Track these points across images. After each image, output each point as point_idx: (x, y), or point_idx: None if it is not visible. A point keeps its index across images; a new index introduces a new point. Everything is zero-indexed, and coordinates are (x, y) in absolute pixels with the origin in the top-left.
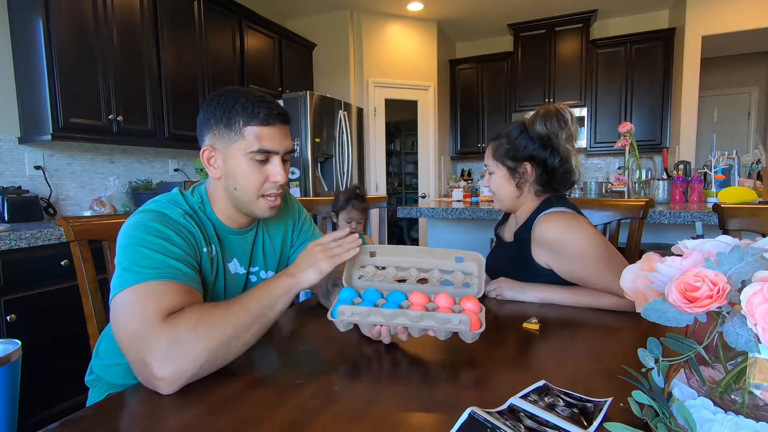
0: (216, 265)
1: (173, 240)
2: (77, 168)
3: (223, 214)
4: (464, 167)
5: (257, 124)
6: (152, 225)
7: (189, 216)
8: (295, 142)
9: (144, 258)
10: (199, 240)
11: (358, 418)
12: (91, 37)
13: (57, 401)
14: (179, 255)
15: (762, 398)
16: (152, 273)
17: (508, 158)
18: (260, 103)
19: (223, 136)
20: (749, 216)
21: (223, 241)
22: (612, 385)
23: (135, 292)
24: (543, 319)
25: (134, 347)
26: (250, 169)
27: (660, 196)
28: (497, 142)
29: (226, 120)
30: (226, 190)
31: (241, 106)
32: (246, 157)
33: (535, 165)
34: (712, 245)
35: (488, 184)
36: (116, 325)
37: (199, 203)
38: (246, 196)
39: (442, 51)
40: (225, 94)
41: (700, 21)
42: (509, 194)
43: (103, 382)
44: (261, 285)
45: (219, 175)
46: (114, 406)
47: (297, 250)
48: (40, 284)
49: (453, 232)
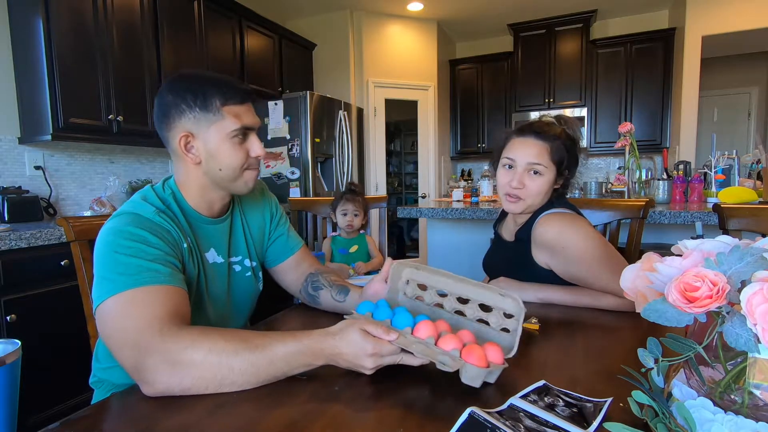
0: (194, 257)
1: (149, 241)
2: (77, 168)
3: (196, 201)
4: (464, 167)
5: (235, 103)
6: (126, 229)
7: (163, 213)
8: (295, 142)
9: (121, 264)
10: (178, 237)
11: (358, 418)
12: (91, 37)
13: (57, 401)
14: (157, 255)
15: (762, 398)
16: (130, 280)
17: (564, 163)
18: (230, 83)
19: (199, 119)
20: (749, 216)
21: (197, 232)
22: (612, 385)
23: (117, 302)
24: (543, 319)
25: (126, 355)
26: (233, 148)
27: (660, 196)
28: (553, 144)
29: (201, 102)
30: (207, 173)
31: (213, 87)
32: (228, 136)
33: (571, 173)
34: (712, 245)
35: (525, 183)
36: (104, 336)
37: (171, 194)
38: (232, 174)
39: (442, 51)
40: (188, 78)
41: (700, 21)
42: (545, 198)
43: (107, 383)
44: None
45: (199, 161)
46: (114, 406)
47: (273, 244)
48: (40, 284)
49: (453, 232)
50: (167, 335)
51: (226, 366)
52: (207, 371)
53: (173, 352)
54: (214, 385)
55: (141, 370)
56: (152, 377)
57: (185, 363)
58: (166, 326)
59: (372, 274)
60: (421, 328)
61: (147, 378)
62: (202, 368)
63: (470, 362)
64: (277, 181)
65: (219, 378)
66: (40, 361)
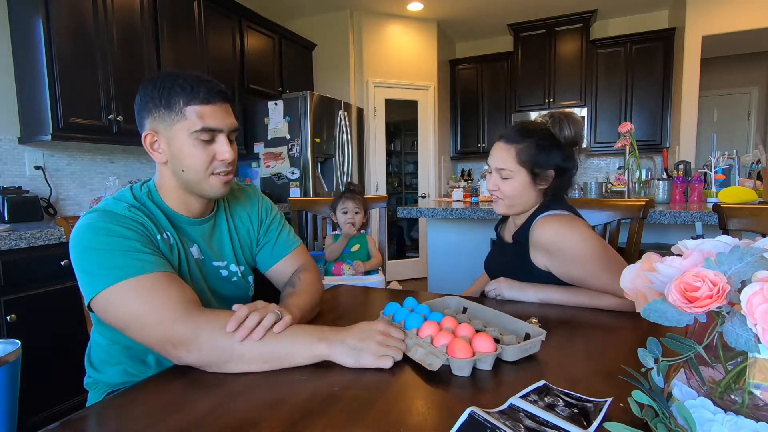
0: (177, 251)
1: (125, 234)
2: (77, 168)
3: (173, 202)
4: (464, 167)
5: (198, 103)
6: (100, 225)
7: (135, 208)
8: (295, 142)
9: (105, 259)
10: (150, 228)
11: (358, 418)
12: (91, 37)
13: (57, 401)
14: (136, 247)
15: (762, 398)
16: (121, 273)
17: (536, 164)
18: (199, 82)
19: (164, 119)
20: (749, 216)
21: (178, 228)
22: (612, 385)
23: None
24: (543, 319)
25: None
26: (195, 150)
27: (660, 196)
28: (521, 145)
29: (165, 101)
30: (174, 173)
31: (179, 86)
32: (190, 137)
33: (557, 174)
34: (712, 245)
35: (498, 186)
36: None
37: (147, 194)
38: (195, 176)
39: (442, 51)
40: (162, 76)
41: (700, 21)
42: (529, 201)
43: (101, 384)
44: (292, 333)
45: (164, 160)
46: (114, 406)
47: (263, 248)
48: (40, 284)
49: (453, 232)
50: (192, 311)
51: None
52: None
53: (202, 324)
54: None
55: (175, 341)
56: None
57: (214, 335)
58: (190, 305)
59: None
60: (425, 329)
61: (183, 348)
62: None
63: (454, 356)
64: (277, 181)
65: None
66: (40, 361)
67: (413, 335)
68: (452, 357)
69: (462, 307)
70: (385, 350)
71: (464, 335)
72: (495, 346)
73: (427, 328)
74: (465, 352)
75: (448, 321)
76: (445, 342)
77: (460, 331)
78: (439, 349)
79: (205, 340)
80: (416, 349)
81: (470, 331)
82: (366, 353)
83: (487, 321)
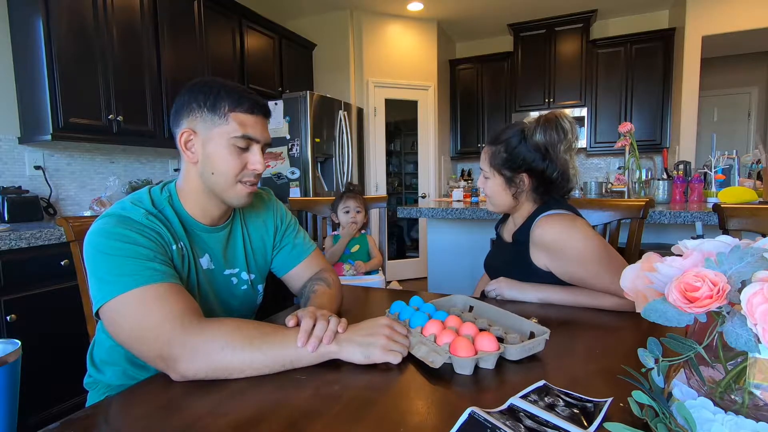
0: (187, 261)
1: (139, 242)
2: (77, 168)
3: (193, 208)
4: (464, 167)
5: (243, 111)
6: (115, 230)
7: (152, 215)
8: (295, 142)
9: (116, 266)
10: (167, 238)
11: (358, 418)
12: (91, 37)
13: (57, 401)
14: (149, 255)
15: (762, 398)
16: (131, 280)
17: (505, 167)
18: (246, 93)
19: (206, 120)
20: (749, 216)
21: (192, 237)
22: (612, 385)
23: (128, 301)
24: (543, 319)
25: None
26: (230, 155)
27: (660, 196)
28: (494, 149)
29: (211, 104)
30: (202, 176)
31: (226, 92)
32: (228, 142)
33: (532, 175)
34: (712, 245)
35: (482, 186)
36: (118, 332)
37: (168, 198)
38: (224, 182)
39: (442, 51)
40: (210, 81)
41: (700, 21)
42: (505, 202)
43: (101, 384)
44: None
45: (195, 160)
46: (113, 406)
47: (280, 252)
48: (40, 284)
49: (453, 232)
50: (189, 327)
51: (249, 354)
52: (228, 360)
53: (197, 343)
54: (237, 372)
55: (167, 359)
56: (181, 366)
57: (209, 352)
58: (187, 319)
59: (371, 273)
60: (429, 327)
61: (175, 367)
62: (223, 357)
63: (457, 354)
64: (277, 181)
65: (241, 366)
66: (40, 361)
67: (417, 333)
68: (454, 355)
69: (468, 306)
70: (393, 345)
71: (467, 334)
72: (498, 345)
73: (431, 326)
74: (467, 351)
75: (452, 320)
76: (449, 340)
77: (464, 330)
78: (442, 347)
79: (202, 361)
80: (419, 346)
81: (474, 330)
82: (374, 348)
83: (492, 320)
